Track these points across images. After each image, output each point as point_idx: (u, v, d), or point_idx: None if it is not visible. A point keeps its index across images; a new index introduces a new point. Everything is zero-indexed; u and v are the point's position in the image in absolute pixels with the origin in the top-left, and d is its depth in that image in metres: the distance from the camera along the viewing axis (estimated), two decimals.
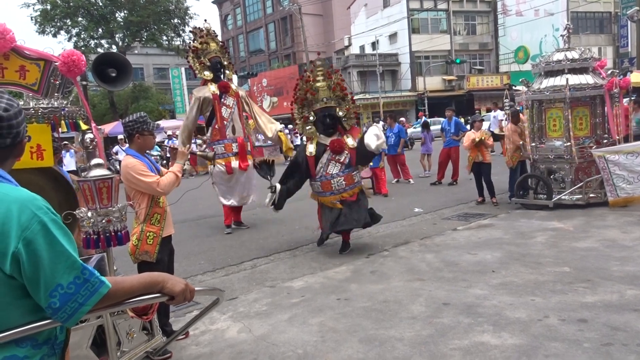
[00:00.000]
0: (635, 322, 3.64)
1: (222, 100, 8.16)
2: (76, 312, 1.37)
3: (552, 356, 3.26)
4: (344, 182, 6.31)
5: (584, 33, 41.09)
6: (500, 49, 40.26)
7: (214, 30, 8.59)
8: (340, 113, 6.46)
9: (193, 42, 8.42)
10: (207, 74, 8.25)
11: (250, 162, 8.22)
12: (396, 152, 12.57)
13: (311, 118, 6.49)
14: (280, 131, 8.34)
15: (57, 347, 1.48)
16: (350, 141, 6.39)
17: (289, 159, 8.84)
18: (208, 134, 8.39)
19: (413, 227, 7.65)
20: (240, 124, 8.36)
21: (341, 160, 6.33)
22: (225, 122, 8.15)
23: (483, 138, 8.86)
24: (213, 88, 8.13)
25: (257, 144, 21.95)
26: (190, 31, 8.77)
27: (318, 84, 6.44)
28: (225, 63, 8.53)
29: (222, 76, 8.39)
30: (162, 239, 3.90)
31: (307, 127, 6.51)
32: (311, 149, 6.44)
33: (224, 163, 8.09)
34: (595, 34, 42.84)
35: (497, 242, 6.31)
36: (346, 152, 6.33)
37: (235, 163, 8.09)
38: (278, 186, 6.59)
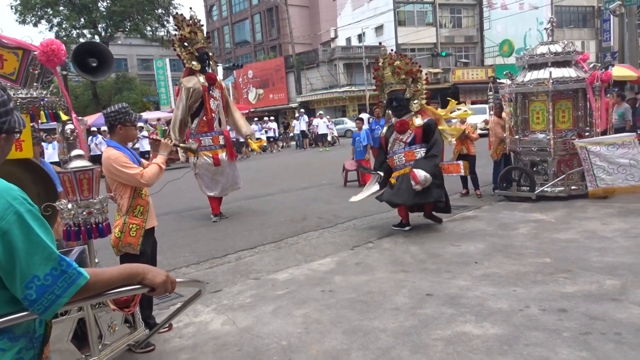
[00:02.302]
0: (613, 311, 3.71)
1: (210, 92, 8.13)
2: (53, 304, 1.35)
3: (533, 345, 3.31)
4: (403, 158, 6.73)
5: (568, 27, 41.49)
6: (486, 42, 40.44)
7: (199, 20, 8.50)
8: (408, 95, 6.78)
9: (179, 30, 8.27)
10: (195, 64, 8.14)
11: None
12: None
13: (384, 102, 7.14)
14: (250, 138, 8.84)
15: (35, 340, 1.46)
16: (418, 121, 6.66)
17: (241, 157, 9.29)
18: (194, 125, 8.28)
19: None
20: (225, 116, 8.46)
21: (404, 140, 6.76)
22: (213, 115, 8.17)
23: (467, 131, 8.92)
24: (202, 79, 8.07)
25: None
26: (173, 17, 8.61)
27: (384, 71, 6.90)
28: (210, 54, 8.52)
29: (208, 68, 8.36)
30: (146, 231, 3.86)
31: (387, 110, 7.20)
32: (384, 129, 7.12)
33: (211, 155, 8.10)
34: (578, 28, 43.27)
35: (481, 233, 6.38)
36: (410, 131, 6.70)
37: (222, 155, 8.16)
38: (381, 173, 7.05)
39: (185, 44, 8.21)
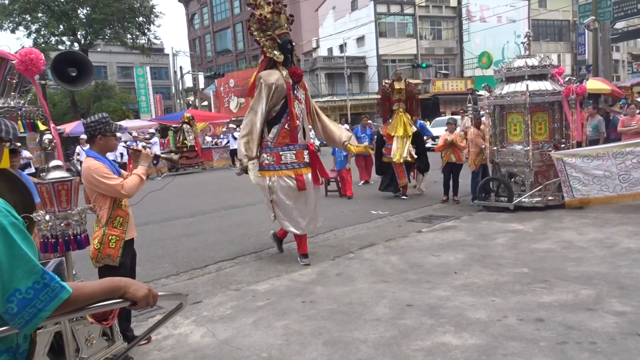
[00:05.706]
0: (588, 321, 3.79)
1: (295, 92, 6.20)
2: (34, 318, 1.34)
3: (510, 355, 3.36)
4: None
5: (544, 40, 42.46)
6: (465, 54, 41.16)
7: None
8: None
9: (256, 9, 6.20)
10: (278, 54, 6.14)
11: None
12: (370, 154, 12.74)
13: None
14: (349, 142, 6.56)
15: (19, 356, 1.44)
16: None
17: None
18: (271, 136, 6.14)
19: (378, 229, 7.73)
20: (309, 126, 6.57)
21: None
22: (297, 122, 6.18)
23: (455, 140, 9.27)
24: (286, 74, 6.13)
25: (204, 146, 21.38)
26: None
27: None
28: (294, 44, 6.50)
29: (291, 60, 6.34)
30: (125, 242, 3.82)
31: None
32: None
33: (294, 176, 6.03)
34: (554, 41, 44.36)
35: (460, 244, 6.45)
36: None
37: (308, 176, 6.16)
38: None
39: (263, 27, 6.18)
